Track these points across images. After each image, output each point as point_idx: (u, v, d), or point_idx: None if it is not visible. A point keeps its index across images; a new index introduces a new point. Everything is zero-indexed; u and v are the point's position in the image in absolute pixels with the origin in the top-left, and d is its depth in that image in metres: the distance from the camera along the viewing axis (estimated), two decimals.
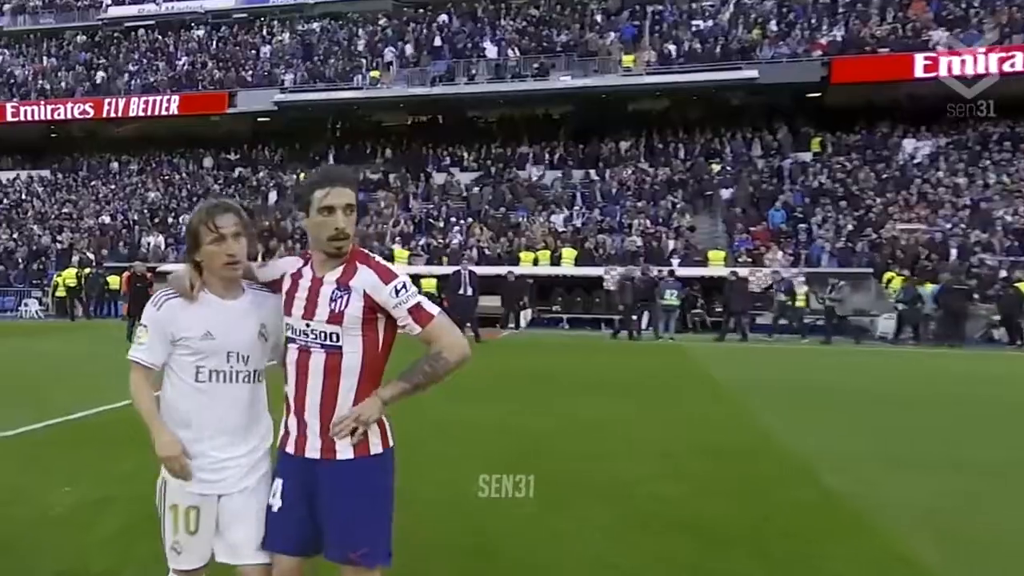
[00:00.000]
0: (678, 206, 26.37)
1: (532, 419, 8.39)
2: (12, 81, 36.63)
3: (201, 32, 36.87)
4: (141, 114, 33.67)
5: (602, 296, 23.99)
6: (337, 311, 2.44)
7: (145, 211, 31.43)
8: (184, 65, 35.23)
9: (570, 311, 24.44)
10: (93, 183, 34.54)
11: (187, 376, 2.50)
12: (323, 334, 2.45)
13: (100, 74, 35.84)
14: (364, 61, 32.39)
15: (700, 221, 25.88)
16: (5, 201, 34.33)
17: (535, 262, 24.92)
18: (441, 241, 26.53)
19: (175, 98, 33.39)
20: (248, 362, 2.54)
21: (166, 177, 33.69)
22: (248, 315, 2.55)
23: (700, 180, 27.19)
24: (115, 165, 35.31)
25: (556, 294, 24.62)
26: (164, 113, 33.38)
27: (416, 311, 2.45)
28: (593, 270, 24.05)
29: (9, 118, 35.02)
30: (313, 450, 2.47)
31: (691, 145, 29.01)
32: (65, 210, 32.63)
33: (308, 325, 2.46)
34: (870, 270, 22.10)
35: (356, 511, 2.45)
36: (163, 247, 28.78)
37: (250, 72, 33.70)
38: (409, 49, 32.46)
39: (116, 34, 37.77)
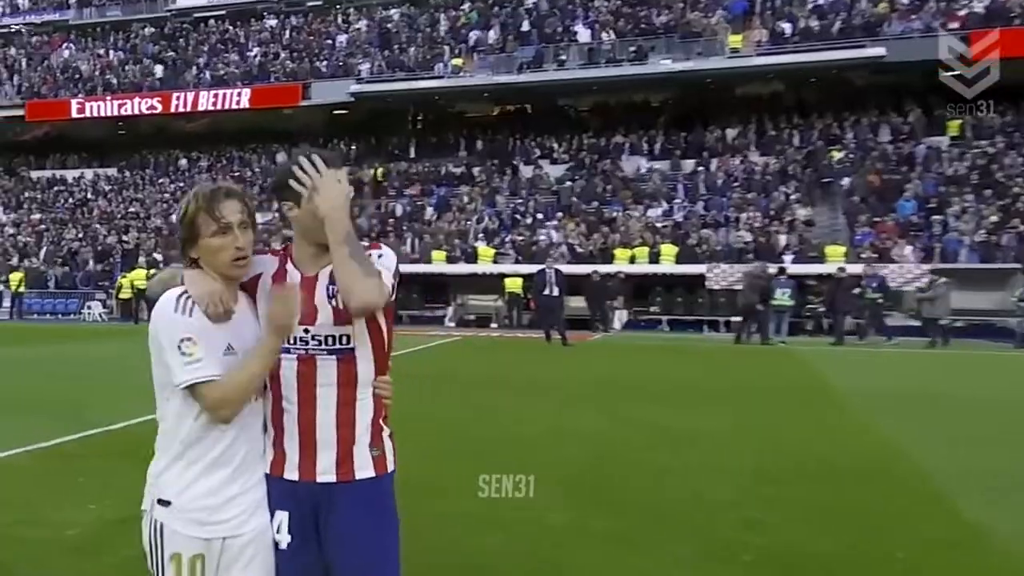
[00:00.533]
0: (792, 198, 26.78)
1: (610, 428, 8.72)
2: (78, 76, 39.74)
3: (273, 22, 39.29)
4: (211, 108, 36.11)
5: (705, 296, 24.62)
6: (342, 307, 2.36)
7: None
8: (256, 56, 37.64)
9: (670, 312, 25.14)
10: (161, 181, 37.12)
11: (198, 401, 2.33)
12: (331, 338, 2.40)
13: (168, 68, 38.61)
14: (446, 48, 34.04)
15: (817, 214, 26.26)
16: (70, 200, 37.21)
17: (632, 260, 25.73)
18: (529, 238, 27.53)
19: (246, 91, 35.69)
20: None
21: (237, 174, 35.88)
22: (253, 322, 2.43)
23: (817, 168, 27.55)
24: (184, 162, 37.90)
25: (654, 294, 25.36)
26: (235, 107, 35.67)
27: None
28: (695, 268, 24.70)
29: (75, 114, 38.04)
30: (327, 473, 2.41)
31: (808, 131, 29.40)
32: (131, 209, 35.13)
33: (308, 331, 2.39)
34: (1017, 265, 22.09)
35: (379, 538, 2.45)
36: None
37: (325, 62, 35.80)
38: (494, 34, 33.95)
39: (185, 25, 40.64)
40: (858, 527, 5.17)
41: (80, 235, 33.87)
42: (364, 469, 2.44)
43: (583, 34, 32.45)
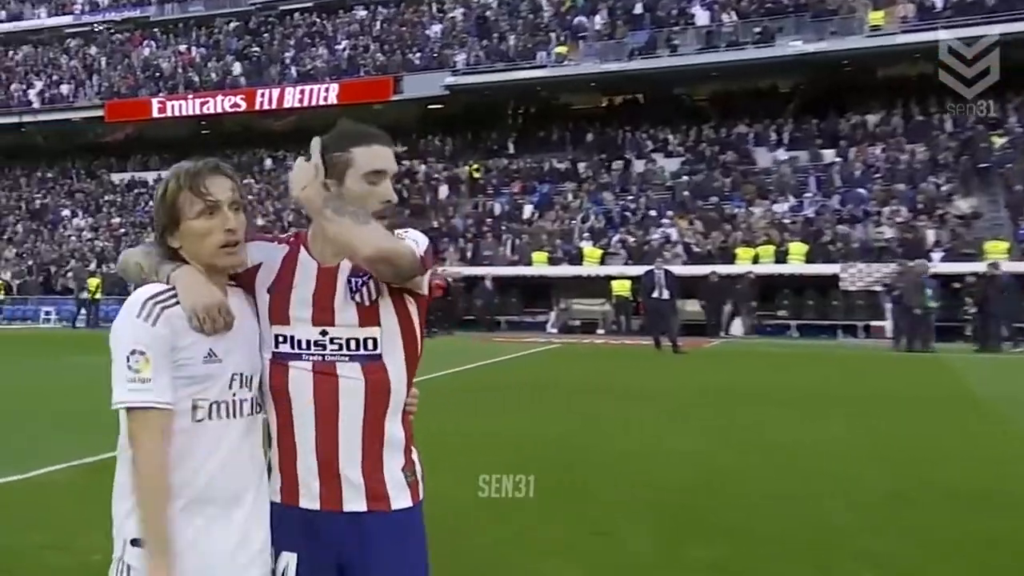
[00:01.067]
0: (943, 189, 26.55)
1: (717, 444, 8.86)
2: (158, 74, 42.26)
3: (363, 13, 41.02)
4: (297, 105, 37.87)
5: (840, 298, 24.60)
6: (368, 304, 2.26)
7: (302, 211, 34.84)
8: (344, 50, 39.32)
9: (799, 316, 25.19)
10: (245, 181, 38.69)
11: (177, 420, 2.18)
12: (354, 342, 2.26)
13: (252, 63, 40.73)
14: (551, 36, 34.94)
15: (975, 206, 25.93)
16: (151, 203, 38.98)
17: (755, 259, 25.90)
18: (641, 237, 28.01)
19: (334, 86, 37.37)
20: (252, 385, 2.30)
21: None
22: (246, 320, 2.31)
23: (975, 156, 27.23)
24: (269, 162, 39.77)
25: (781, 296, 25.48)
26: (322, 103, 37.22)
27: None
28: (828, 268, 24.77)
29: (155, 114, 40.49)
30: (355, 501, 2.26)
31: (963, 116, 29.03)
32: None
33: (326, 333, 2.26)
34: None
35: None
36: None
37: (418, 54, 37.23)
38: (601, 19, 34.77)
39: (270, 19, 42.78)
40: (1014, 566, 4.89)
41: None
42: (400, 498, 2.31)
43: (701, 16, 33.00)
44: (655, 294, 19.92)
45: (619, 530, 5.71)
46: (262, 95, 38.63)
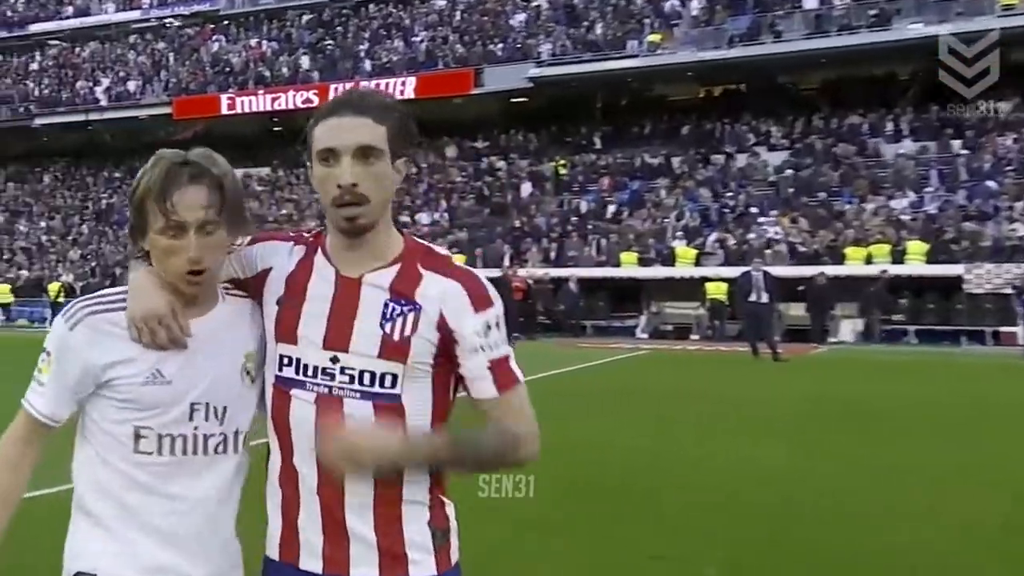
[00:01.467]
0: None
1: (809, 462, 8.69)
2: (228, 70, 43.44)
3: (442, 3, 41.59)
4: None
5: (964, 301, 24.03)
6: (400, 339, 2.03)
7: None
8: (422, 42, 39.91)
9: (918, 320, 24.66)
10: None
11: (117, 448, 2.03)
12: (368, 376, 2.04)
13: (326, 57, 41.56)
14: (643, 23, 35.00)
15: None
16: None
17: (868, 259, 25.51)
18: (740, 236, 27.81)
19: (411, 80, 37.89)
20: (225, 419, 2.08)
21: None
22: (226, 338, 2.10)
23: None
24: None
25: (898, 299, 25.00)
26: (399, 97, 37.23)
27: (502, 367, 2.09)
28: (951, 268, 24.29)
29: (224, 111, 41.65)
30: (364, 564, 2.04)
31: None
32: (284, 211, 37.78)
33: (336, 360, 2.05)
34: None
35: None
36: None
37: (500, 45, 37.58)
38: (699, 4, 34.71)
39: (344, 11, 43.65)
40: None
41: None
42: (423, 562, 2.06)
43: None
44: (752, 297, 19.76)
45: (682, 554, 5.58)
46: (335, 90, 38.87)
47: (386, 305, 2.02)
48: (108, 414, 2.02)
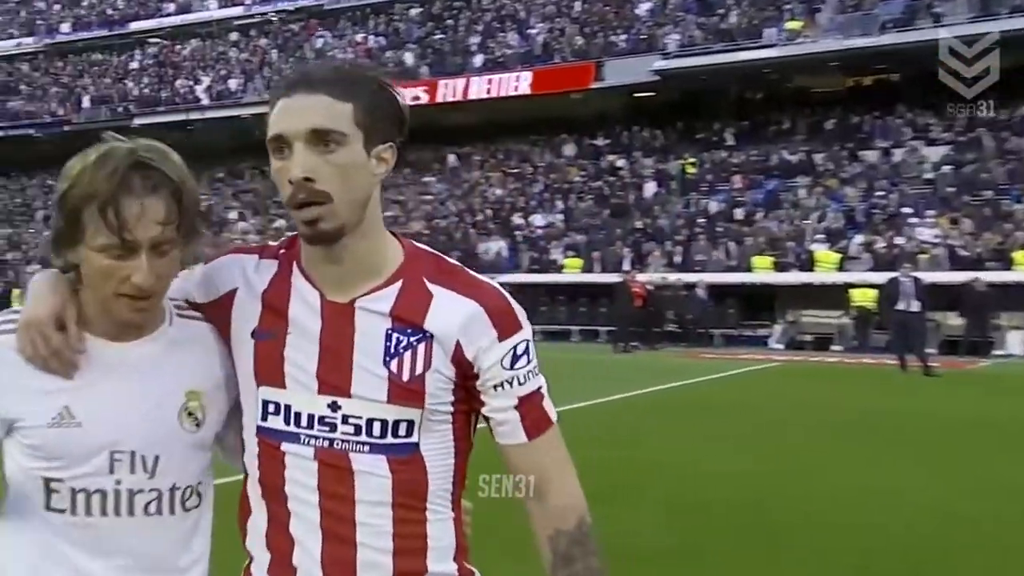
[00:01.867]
0: None
1: (961, 493, 8.31)
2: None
3: None
4: (485, 96, 38.89)
5: None
6: (410, 378, 1.78)
7: (487, 211, 35.69)
8: (539, 34, 40.06)
9: None
10: (425, 180, 40.13)
11: (27, 504, 1.78)
12: (379, 425, 1.78)
13: (436, 52, 42.09)
14: (782, 10, 34.54)
15: None
16: None
17: None
18: (891, 238, 27.12)
19: (526, 75, 38.13)
20: (157, 472, 1.79)
21: (515, 170, 38.11)
22: (164, 370, 1.83)
23: None
24: (452, 158, 40.85)
25: None
26: (512, 93, 38.13)
27: (533, 407, 1.86)
28: None
29: None
30: None
31: None
32: (389, 213, 37.98)
33: (337, 407, 1.78)
34: None
35: None
36: (505, 253, 32.29)
37: (623, 36, 37.52)
38: None
39: (456, 3, 44.19)
40: None
41: None
42: None
43: None
44: (900, 305, 19.27)
45: None
46: (446, 86, 39.72)
47: (388, 337, 1.77)
48: (20, 460, 1.76)
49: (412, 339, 1.76)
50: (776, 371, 20.66)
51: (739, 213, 31.11)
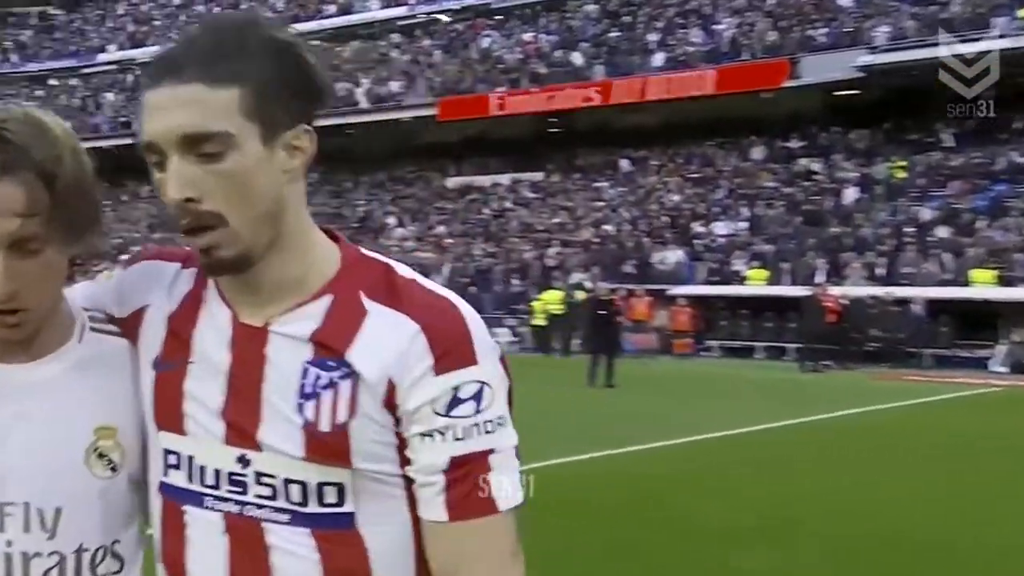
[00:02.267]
0: None
1: None
2: (499, 66, 44.67)
3: None
4: (664, 97, 38.58)
5: None
6: (331, 428, 1.44)
7: (664, 218, 35.19)
8: (726, 29, 39.68)
9: None
10: (597, 185, 40.04)
11: None
12: (299, 490, 1.46)
13: (611, 51, 41.86)
14: None
15: None
16: (485, 211, 41.48)
17: None
18: None
19: (711, 73, 37.78)
20: (59, 530, 1.54)
21: (696, 175, 37.65)
22: (68, 402, 1.56)
23: None
24: (626, 163, 40.58)
25: None
26: (695, 93, 37.79)
27: (470, 473, 1.45)
28: None
29: (494, 111, 42.70)
30: None
31: None
32: (557, 220, 38.02)
33: (247, 463, 1.47)
34: None
35: None
36: (684, 263, 31.62)
37: (823, 30, 36.83)
38: None
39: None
40: None
41: (492, 250, 37.37)
42: None
43: None
44: None
45: None
46: (622, 87, 39.55)
47: (304, 372, 1.44)
48: None
49: (334, 375, 1.43)
50: (996, 397, 19.96)
51: (957, 221, 29.83)
